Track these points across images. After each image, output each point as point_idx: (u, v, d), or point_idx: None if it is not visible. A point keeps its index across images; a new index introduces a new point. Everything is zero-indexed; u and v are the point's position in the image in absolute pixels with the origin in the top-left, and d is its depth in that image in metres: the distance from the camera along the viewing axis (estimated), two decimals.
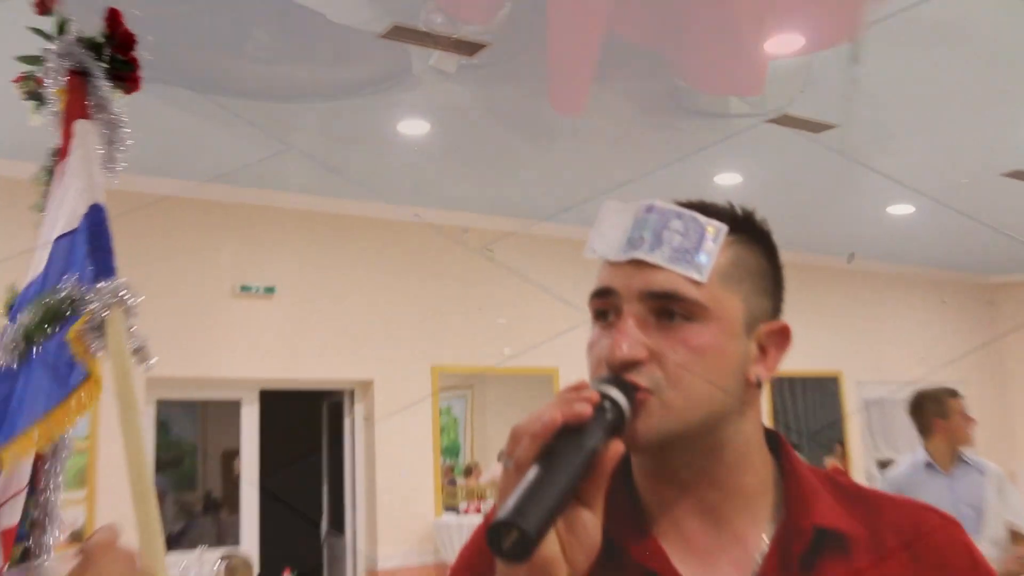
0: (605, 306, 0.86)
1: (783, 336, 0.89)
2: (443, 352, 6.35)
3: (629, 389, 0.79)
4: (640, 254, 0.84)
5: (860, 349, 8.57)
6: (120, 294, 1.23)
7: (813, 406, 8.16)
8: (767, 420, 7.72)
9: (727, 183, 6.06)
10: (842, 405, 8.37)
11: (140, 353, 1.20)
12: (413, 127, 4.90)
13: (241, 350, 5.61)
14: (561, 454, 0.71)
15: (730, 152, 5.54)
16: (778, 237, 0.93)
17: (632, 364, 0.81)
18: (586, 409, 0.74)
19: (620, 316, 0.84)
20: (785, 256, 0.94)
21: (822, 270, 8.45)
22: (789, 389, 8.02)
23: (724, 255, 0.85)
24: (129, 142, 1.49)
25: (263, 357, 5.68)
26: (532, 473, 0.69)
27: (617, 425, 0.76)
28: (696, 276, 0.83)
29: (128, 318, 1.21)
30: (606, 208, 0.89)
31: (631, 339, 0.81)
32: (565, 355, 6.71)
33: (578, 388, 0.77)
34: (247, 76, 4.14)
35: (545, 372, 6.72)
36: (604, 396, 0.77)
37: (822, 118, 4.97)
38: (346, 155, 5.31)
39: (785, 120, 4.96)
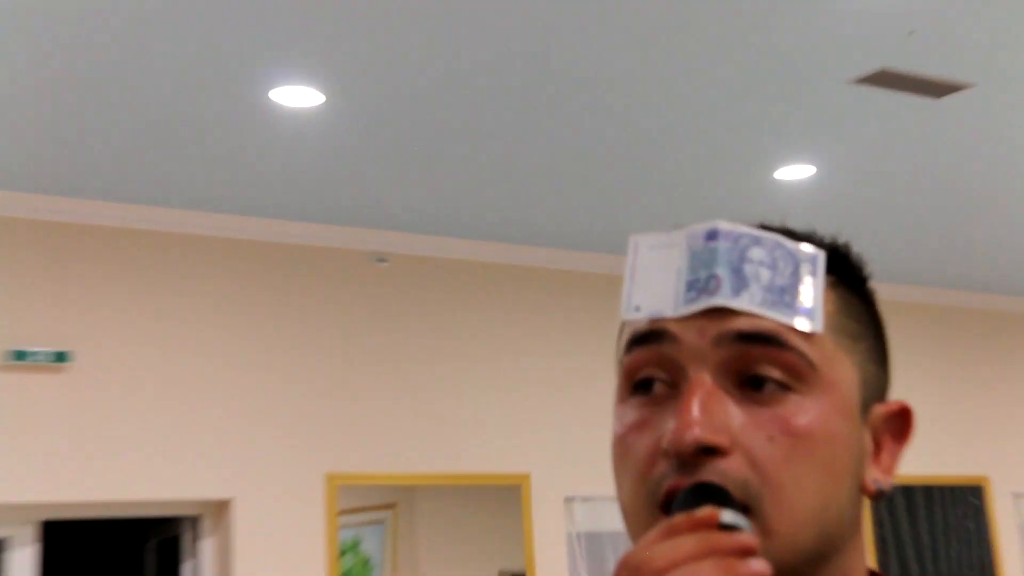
0: (652, 365, 0.89)
1: (904, 423, 0.94)
2: (345, 454, 6.32)
3: (738, 506, 0.83)
4: (721, 300, 0.87)
5: (1018, 443, 8.60)
6: None
7: (944, 529, 8.15)
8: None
9: (793, 178, 6.11)
10: (991, 528, 8.38)
11: None
12: (297, 96, 4.90)
13: (11, 458, 5.53)
14: None
15: (798, 130, 5.57)
16: (878, 265, 0.96)
17: (709, 451, 0.84)
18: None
19: (684, 380, 0.87)
20: (891, 292, 0.90)
21: (952, 315, 8.51)
22: (906, 504, 8.01)
23: (828, 299, 0.91)
24: None
25: (47, 469, 5.60)
26: None
27: None
28: (806, 325, 0.87)
29: None
30: (637, 244, 0.93)
31: (708, 413, 0.84)
32: (540, 455, 6.72)
33: (704, 521, 0.79)
34: None
35: (511, 480, 6.73)
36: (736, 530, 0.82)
37: (945, 74, 5.00)
38: (187, 140, 5.29)
39: (885, 78, 4.99)
